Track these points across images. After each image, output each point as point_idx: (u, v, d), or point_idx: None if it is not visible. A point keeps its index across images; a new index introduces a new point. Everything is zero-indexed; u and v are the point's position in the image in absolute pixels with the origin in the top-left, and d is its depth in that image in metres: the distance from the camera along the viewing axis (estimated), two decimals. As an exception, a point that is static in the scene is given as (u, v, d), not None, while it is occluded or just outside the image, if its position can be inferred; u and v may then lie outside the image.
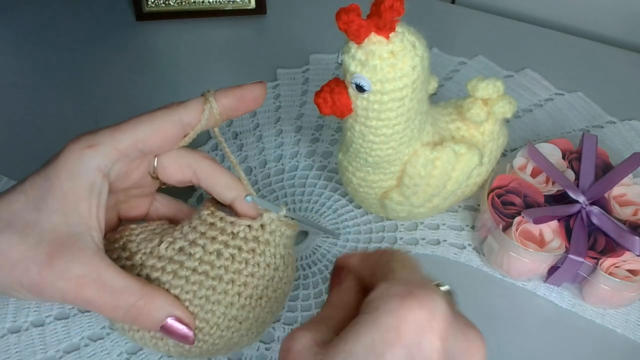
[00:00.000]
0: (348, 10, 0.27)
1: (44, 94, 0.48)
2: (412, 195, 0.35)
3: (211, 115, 0.28)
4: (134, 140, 0.26)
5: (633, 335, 0.34)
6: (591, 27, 0.57)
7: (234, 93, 0.28)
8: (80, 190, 0.25)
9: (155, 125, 0.27)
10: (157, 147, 0.27)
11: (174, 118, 0.27)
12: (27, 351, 0.32)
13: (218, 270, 0.27)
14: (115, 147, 0.26)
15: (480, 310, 0.35)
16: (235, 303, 0.27)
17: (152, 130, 0.27)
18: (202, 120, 0.28)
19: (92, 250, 0.25)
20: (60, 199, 0.25)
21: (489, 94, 0.34)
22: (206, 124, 0.28)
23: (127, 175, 0.28)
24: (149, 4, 0.54)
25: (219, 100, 0.28)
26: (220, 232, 0.28)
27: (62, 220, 0.24)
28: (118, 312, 0.25)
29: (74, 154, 0.25)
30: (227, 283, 0.27)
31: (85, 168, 0.25)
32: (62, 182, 0.25)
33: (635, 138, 0.46)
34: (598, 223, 0.34)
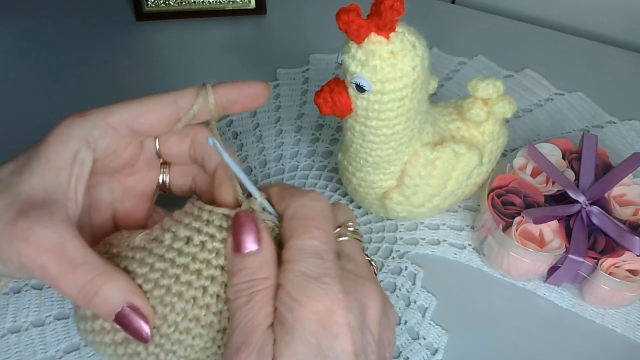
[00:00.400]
0: (348, 10, 0.27)
1: (44, 94, 0.48)
2: (412, 195, 0.35)
3: (206, 103, 0.27)
4: (125, 117, 0.26)
5: (633, 335, 0.34)
6: (591, 27, 0.57)
7: (233, 86, 0.28)
8: (63, 157, 0.25)
9: (148, 105, 0.27)
10: (148, 126, 0.27)
11: (168, 100, 0.27)
12: (27, 351, 0.32)
13: (185, 257, 0.24)
14: (105, 119, 0.26)
15: (480, 310, 0.35)
16: (198, 298, 0.24)
17: (144, 110, 0.27)
18: (195, 105, 0.27)
19: (61, 217, 0.24)
20: (42, 163, 0.24)
21: (489, 94, 0.34)
22: (200, 111, 0.27)
23: (116, 153, 0.27)
24: (149, 4, 0.54)
25: (216, 91, 0.28)
26: (194, 219, 0.26)
27: (40, 183, 0.24)
28: (72, 287, 0.23)
29: (66, 123, 0.25)
30: (192, 273, 0.24)
31: (71, 136, 0.25)
32: (48, 148, 0.25)
33: (635, 138, 0.46)
34: (598, 223, 0.34)
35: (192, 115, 0.27)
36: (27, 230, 0.23)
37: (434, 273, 0.37)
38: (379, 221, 0.40)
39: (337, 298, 0.22)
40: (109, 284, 0.24)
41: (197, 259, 0.25)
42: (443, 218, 0.40)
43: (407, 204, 0.35)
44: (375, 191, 0.36)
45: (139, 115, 0.26)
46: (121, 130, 0.27)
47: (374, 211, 0.39)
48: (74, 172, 0.25)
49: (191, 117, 0.27)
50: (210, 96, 0.27)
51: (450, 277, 0.37)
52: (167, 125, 0.28)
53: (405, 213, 0.36)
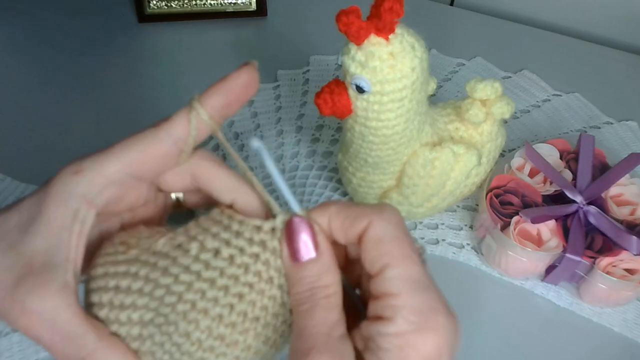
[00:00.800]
0: (348, 12, 0.27)
1: (47, 96, 0.48)
2: (411, 195, 0.35)
3: (201, 122, 0.25)
4: (121, 166, 0.24)
5: (630, 334, 0.35)
6: (588, 29, 0.57)
7: (219, 89, 0.26)
8: (64, 217, 0.24)
9: (142, 147, 0.24)
10: (148, 170, 0.25)
11: (161, 136, 0.24)
12: (30, 349, 0.33)
13: (212, 271, 0.23)
14: (101, 173, 0.24)
15: (478, 308, 0.36)
16: (224, 317, 0.23)
17: (140, 154, 0.24)
18: (191, 131, 0.25)
19: (59, 285, 0.23)
20: (45, 223, 0.24)
21: (487, 95, 0.34)
22: (198, 134, 0.25)
23: (120, 200, 0.26)
24: (151, 6, 0.54)
25: (205, 103, 0.25)
26: (223, 229, 0.24)
27: (42, 245, 0.23)
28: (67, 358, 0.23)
29: (62, 179, 0.24)
30: (220, 289, 0.23)
31: (69, 195, 0.24)
32: (49, 207, 0.24)
33: (632, 138, 0.46)
34: (595, 223, 0.35)
35: (192, 145, 0.25)
36: (23, 302, 0.23)
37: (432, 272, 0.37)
38: (378, 221, 0.40)
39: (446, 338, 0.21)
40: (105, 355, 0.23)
41: (225, 274, 0.23)
42: (442, 218, 0.40)
43: (406, 204, 0.36)
44: (375, 191, 0.36)
45: (134, 162, 0.24)
46: (120, 181, 0.25)
47: (374, 211, 0.39)
48: (75, 230, 0.24)
49: (191, 146, 0.25)
50: (202, 113, 0.25)
51: (448, 276, 0.37)
52: (169, 162, 0.26)
53: (405, 213, 0.37)
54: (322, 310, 0.22)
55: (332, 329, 0.22)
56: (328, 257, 0.23)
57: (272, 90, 0.49)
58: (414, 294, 0.21)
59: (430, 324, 0.21)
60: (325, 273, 0.23)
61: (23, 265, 0.23)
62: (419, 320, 0.21)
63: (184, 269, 0.23)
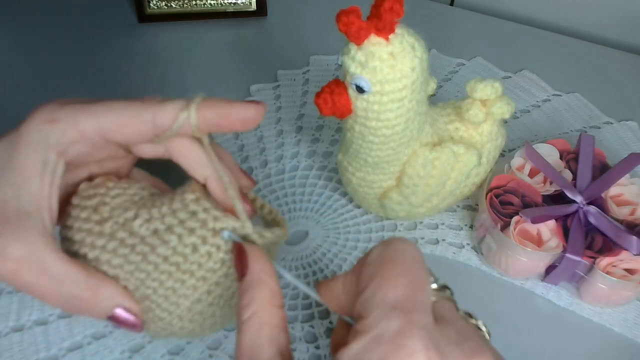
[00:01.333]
0: (348, 12, 0.27)
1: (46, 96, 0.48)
2: (411, 195, 0.35)
3: (187, 124, 0.25)
4: (96, 127, 0.24)
5: (630, 334, 0.35)
6: (588, 29, 0.57)
7: (220, 108, 0.25)
8: (35, 165, 0.23)
9: (123, 117, 0.24)
10: (121, 139, 0.25)
11: (146, 116, 0.24)
12: (30, 349, 0.33)
13: (190, 265, 0.25)
14: (75, 127, 0.24)
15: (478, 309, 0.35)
16: (203, 300, 0.25)
17: (118, 123, 0.24)
18: (173, 127, 0.24)
19: (38, 231, 0.23)
20: (15, 171, 0.23)
21: (487, 95, 0.34)
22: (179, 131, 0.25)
23: (89, 155, 0.26)
24: (150, 6, 0.54)
25: (201, 111, 0.25)
26: (200, 225, 0.25)
27: (14, 193, 0.23)
28: (58, 300, 0.23)
29: (34, 126, 0.24)
30: (198, 280, 0.25)
31: (41, 143, 0.23)
32: (19, 154, 0.23)
33: (632, 138, 0.46)
34: (595, 223, 0.35)
35: (167, 138, 0.25)
36: (4, 250, 0.22)
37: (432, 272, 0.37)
38: (378, 221, 0.40)
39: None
40: (95, 295, 0.24)
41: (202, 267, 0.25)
42: (442, 218, 0.40)
43: (406, 204, 0.36)
44: (375, 191, 0.36)
45: (110, 128, 0.24)
46: (92, 138, 0.25)
47: (374, 211, 0.39)
48: (46, 180, 0.24)
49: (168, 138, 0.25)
50: (192, 118, 0.25)
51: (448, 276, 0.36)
52: (143, 139, 0.25)
53: (405, 213, 0.37)
54: (243, 335, 0.21)
55: (253, 355, 0.20)
56: (251, 276, 0.22)
57: (272, 90, 0.49)
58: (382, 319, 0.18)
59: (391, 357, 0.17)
60: (245, 291, 0.22)
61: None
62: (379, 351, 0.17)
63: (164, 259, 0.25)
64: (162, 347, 0.33)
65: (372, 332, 0.18)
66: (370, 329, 0.18)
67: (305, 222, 0.40)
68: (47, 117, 0.24)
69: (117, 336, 0.33)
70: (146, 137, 0.25)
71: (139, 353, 0.33)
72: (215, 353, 0.33)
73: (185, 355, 0.33)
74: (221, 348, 0.33)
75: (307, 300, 0.36)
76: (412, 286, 0.19)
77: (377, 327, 0.18)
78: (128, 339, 0.33)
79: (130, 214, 0.25)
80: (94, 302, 0.24)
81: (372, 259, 0.21)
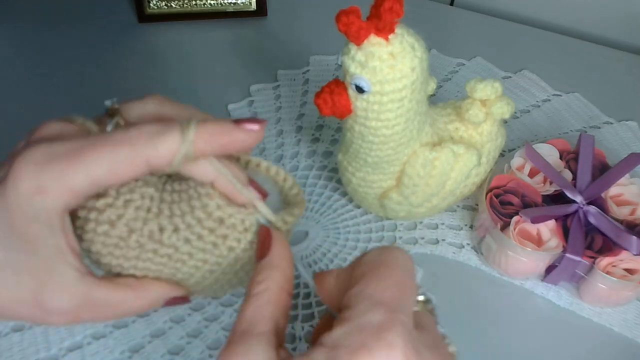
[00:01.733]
0: (348, 12, 0.27)
1: (46, 95, 0.49)
2: (411, 195, 0.35)
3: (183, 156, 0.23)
4: (88, 182, 0.22)
5: (630, 334, 0.35)
6: (588, 29, 0.57)
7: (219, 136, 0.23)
8: (40, 232, 0.22)
9: (116, 164, 0.22)
10: (115, 182, 0.23)
11: (138, 160, 0.22)
12: (30, 349, 0.33)
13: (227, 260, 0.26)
14: (67, 189, 0.22)
15: (478, 308, 0.36)
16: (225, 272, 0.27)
17: (111, 172, 0.22)
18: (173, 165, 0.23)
19: (75, 276, 0.23)
20: (21, 239, 0.22)
21: (487, 94, 0.34)
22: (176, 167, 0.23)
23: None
24: (151, 6, 0.54)
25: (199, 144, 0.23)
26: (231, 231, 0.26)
27: (31, 259, 0.23)
28: (115, 317, 0.25)
29: (23, 200, 0.22)
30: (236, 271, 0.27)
31: (38, 213, 0.22)
32: (20, 225, 0.22)
33: (632, 138, 0.46)
34: (595, 223, 0.35)
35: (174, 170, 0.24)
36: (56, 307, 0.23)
37: (432, 272, 0.37)
38: (378, 221, 0.40)
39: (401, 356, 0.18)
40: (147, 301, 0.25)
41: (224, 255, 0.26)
42: (442, 217, 0.40)
43: (406, 204, 0.36)
44: (375, 191, 0.36)
45: (102, 178, 0.22)
46: (89, 192, 0.23)
47: (374, 211, 0.39)
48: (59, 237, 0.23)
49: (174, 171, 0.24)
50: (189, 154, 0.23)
51: (448, 276, 0.37)
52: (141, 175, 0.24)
53: (404, 213, 0.37)
54: (248, 305, 0.22)
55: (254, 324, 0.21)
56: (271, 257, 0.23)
57: (272, 90, 0.49)
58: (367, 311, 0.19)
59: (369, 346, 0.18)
60: (262, 269, 0.23)
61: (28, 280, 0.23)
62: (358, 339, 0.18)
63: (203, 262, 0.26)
64: (162, 347, 0.33)
65: (356, 320, 0.19)
66: (355, 318, 0.19)
67: (305, 222, 0.40)
68: (33, 188, 0.22)
69: (117, 336, 0.33)
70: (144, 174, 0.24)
71: (139, 353, 0.33)
72: (215, 353, 0.33)
73: (185, 355, 0.33)
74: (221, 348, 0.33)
75: (307, 300, 0.36)
76: (399, 290, 0.20)
77: (361, 317, 0.19)
78: (128, 339, 0.33)
79: (153, 226, 0.25)
80: (147, 306, 0.26)
81: (366, 260, 0.21)
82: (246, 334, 0.21)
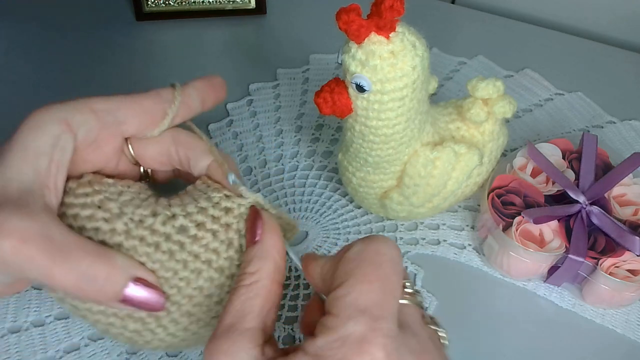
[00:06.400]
0: (348, 10, 0.27)
1: (44, 94, 0.48)
2: (412, 195, 0.35)
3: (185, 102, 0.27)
4: (108, 105, 0.25)
5: (633, 335, 0.34)
6: (591, 27, 0.57)
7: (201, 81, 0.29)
8: (42, 141, 0.22)
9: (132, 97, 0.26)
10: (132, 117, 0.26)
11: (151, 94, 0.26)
12: (27, 351, 0.32)
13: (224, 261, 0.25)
14: (87, 104, 0.24)
15: (480, 310, 0.35)
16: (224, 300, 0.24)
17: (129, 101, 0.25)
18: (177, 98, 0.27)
19: (41, 206, 0.21)
20: (17, 152, 0.22)
21: (489, 94, 0.34)
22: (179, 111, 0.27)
23: (97, 144, 0.25)
24: (149, 4, 0.54)
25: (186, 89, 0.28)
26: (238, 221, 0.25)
27: (14, 175, 0.22)
28: (69, 275, 0.21)
29: (44, 108, 0.24)
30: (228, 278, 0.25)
31: (50, 119, 0.23)
32: (23, 136, 0.22)
33: (635, 138, 0.46)
34: (598, 223, 0.34)
35: (176, 109, 0.27)
36: (6, 223, 0.20)
37: (434, 273, 0.37)
38: (379, 221, 0.40)
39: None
40: (109, 266, 0.22)
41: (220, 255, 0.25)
42: (443, 218, 0.40)
43: (407, 204, 0.35)
44: (376, 191, 0.36)
45: (123, 105, 0.25)
46: (104, 118, 0.24)
47: (374, 211, 0.39)
48: (55, 157, 0.22)
49: (175, 111, 0.27)
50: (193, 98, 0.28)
51: (450, 277, 0.37)
52: (152, 119, 0.26)
53: (405, 213, 0.36)
54: (237, 298, 0.21)
55: (241, 319, 0.21)
56: (263, 247, 0.23)
57: (272, 89, 0.49)
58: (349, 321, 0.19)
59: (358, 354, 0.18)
60: (253, 259, 0.22)
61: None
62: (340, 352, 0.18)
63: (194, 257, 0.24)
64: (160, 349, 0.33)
65: (338, 331, 0.19)
66: (337, 328, 0.19)
67: (305, 222, 0.39)
68: (55, 103, 0.24)
69: (115, 338, 0.33)
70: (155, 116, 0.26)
71: (137, 355, 0.32)
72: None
73: (183, 358, 0.33)
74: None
75: (307, 301, 0.35)
76: (383, 292, 0.20)
77: (343, 328, 0.19)
78: (126, 341, 0.33)
79: (146, 212, 0.24)
80: (107, 274, 0.21)
81: (351, 255, 0.21)
82: (231, 330, 0.20)
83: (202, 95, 0.28)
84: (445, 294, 0.35)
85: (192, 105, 0.28)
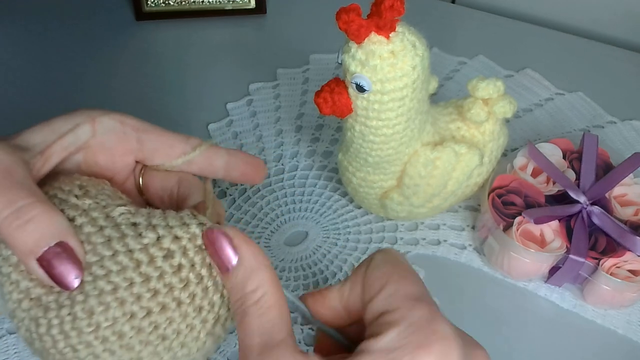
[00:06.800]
0: (348, 10, 0.27)
1: (44, 94, 0.48)
2: (412, 196, 0.35)
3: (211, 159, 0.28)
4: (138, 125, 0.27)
5: (634, 336, 0.34)
6: (591, 27, 0.57)
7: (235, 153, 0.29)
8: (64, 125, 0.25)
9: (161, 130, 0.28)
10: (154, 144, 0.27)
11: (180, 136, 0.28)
12: (26, 352, 0.32)
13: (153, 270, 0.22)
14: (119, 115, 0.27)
15: (481, 311, 0.35)
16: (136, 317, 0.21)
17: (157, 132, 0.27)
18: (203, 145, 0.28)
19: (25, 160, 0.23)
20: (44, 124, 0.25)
21: (489, 93, 0.34)
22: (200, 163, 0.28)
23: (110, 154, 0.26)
24: (148, 3, 0.54)
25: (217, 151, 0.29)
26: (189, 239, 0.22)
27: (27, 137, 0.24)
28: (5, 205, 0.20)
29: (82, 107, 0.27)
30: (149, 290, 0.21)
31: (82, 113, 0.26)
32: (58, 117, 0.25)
33: (636, 138, 0.46)
34: (599, 223, 0.34)
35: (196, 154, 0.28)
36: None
37: (434, 273, 0.37)
38: (379, 221, 0.39)
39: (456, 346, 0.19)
40: (46, 214, 0.21)
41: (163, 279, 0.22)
42: (443, 218, 0.40)
43: (407, 204, 0.35)
44: (376, 191, 0.36)
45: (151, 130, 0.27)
46: (129, 132, 0.26)
47: (374, 211, 0.39)
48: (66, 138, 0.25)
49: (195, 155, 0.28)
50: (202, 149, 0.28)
51: (450, 277, 0.37)
52: (170, 155, 0.27)
53: (406, 213, 0.36)
54: (254, 318, 0.21)
55: (270, 334, 0.20)
56: (249, 261, 0.21)
57: (272, 89, 0.49)
58: (412, 309, 0.20)
59: (426, 343, 0.19)
60: (249, 278, 0.21)
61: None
62: (414, 338, 0.19)
63: (127, 251, 0.21)
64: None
65: (407, 319, 0.20)
66: (404, 318, 0.20)
67: (305, 222, 0.39)
68: None
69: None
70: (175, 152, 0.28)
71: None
72: (213, 356, 0.33)
73: None
74: (219, 351, 0.33)
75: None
76: (420, 283, 0.22)
77: (410, 315, 0.20)
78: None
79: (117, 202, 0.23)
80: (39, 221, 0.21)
81: (377, 263, 0.22)
82: (268, 347, 0.20)
83: (232, 162, 0.29)
84: (445, 294, 0.35)
85: (215, 163, 0.28)
